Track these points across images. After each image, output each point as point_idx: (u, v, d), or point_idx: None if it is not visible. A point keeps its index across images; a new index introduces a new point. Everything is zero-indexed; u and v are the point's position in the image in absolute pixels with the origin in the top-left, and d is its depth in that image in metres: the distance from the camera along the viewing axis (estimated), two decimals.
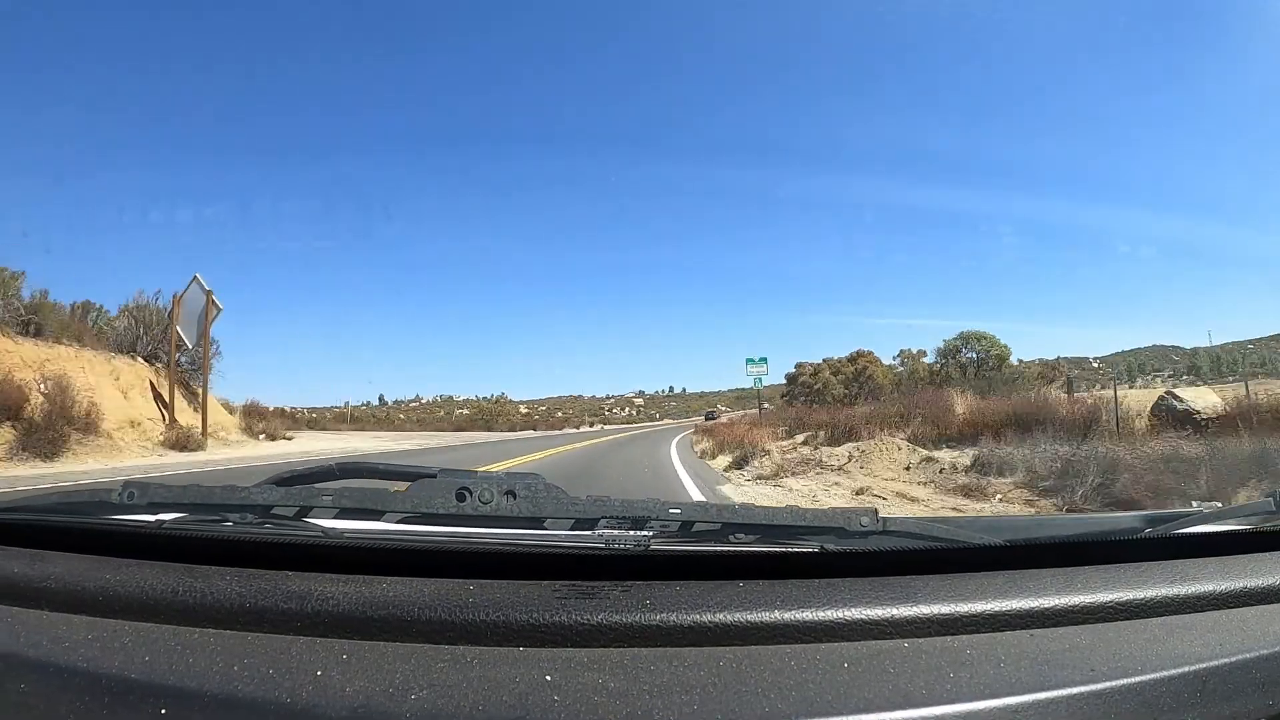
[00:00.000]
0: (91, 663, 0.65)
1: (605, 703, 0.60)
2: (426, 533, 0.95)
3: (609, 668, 0.66)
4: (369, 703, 0.59)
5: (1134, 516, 1.07)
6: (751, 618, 0.73)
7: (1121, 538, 0.99)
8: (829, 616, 0.74)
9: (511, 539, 0.90)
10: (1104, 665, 0.68)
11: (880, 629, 0.74)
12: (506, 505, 0.90)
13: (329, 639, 0.71)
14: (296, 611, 0.74)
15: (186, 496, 0.96)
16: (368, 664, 0.66)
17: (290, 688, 0.61)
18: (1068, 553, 0.94)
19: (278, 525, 0.94)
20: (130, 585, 0.79)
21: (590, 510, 0.91)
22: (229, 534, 0.91)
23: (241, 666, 0.64)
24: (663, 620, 0.73)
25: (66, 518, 1.00)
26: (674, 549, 0.88)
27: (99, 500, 0.99)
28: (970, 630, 0.75)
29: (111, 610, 0.76)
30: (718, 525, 0.92)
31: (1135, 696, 0.65)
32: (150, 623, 0.74)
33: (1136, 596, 0.82)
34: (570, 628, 0.71)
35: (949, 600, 0.77)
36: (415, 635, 0.71)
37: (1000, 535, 0.93)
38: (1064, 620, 0.78)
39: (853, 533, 0.89)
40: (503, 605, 0.73)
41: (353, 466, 1.11)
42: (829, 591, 0.78)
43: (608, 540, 0.85)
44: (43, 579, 0.81)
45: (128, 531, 0.94)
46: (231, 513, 0.95)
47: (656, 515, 0.90)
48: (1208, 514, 1.06)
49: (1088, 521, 1.19)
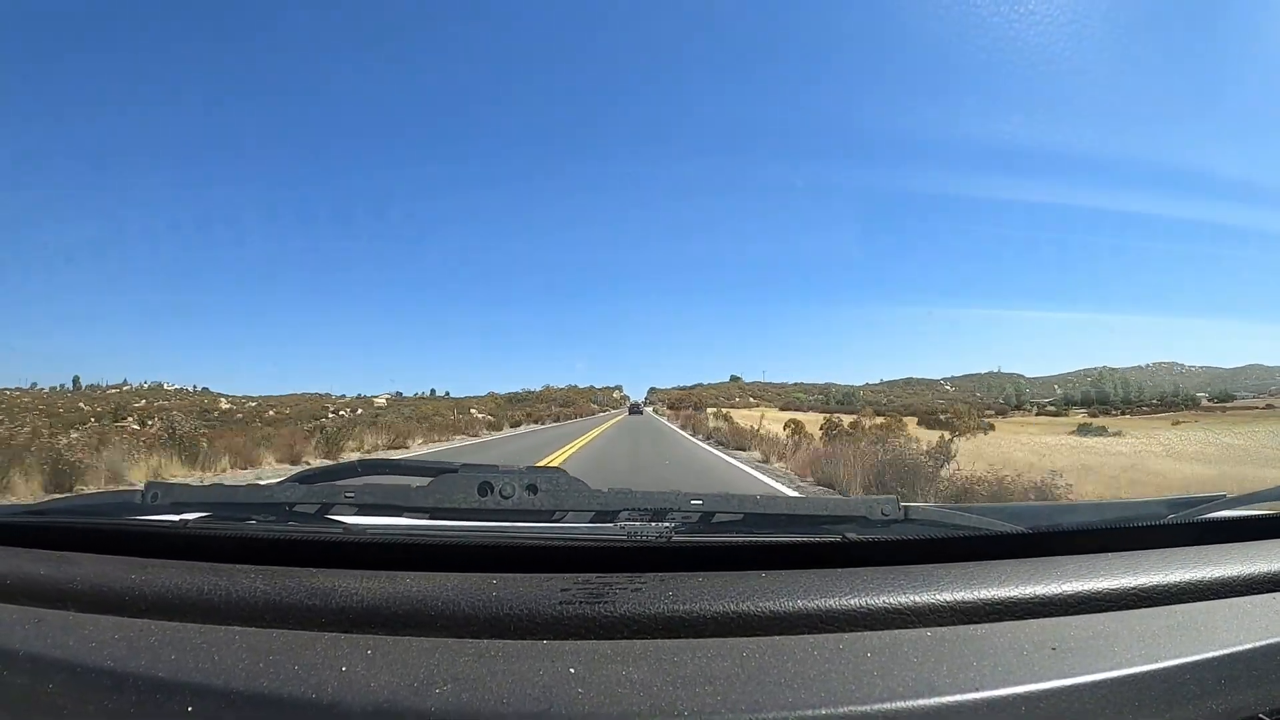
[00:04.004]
0: (119, 662, 0.66)
1: (629, 694, 0.60)
2: (449, 527, 0.95)
3: (633, 659, 0.66)
4: (394, 697, 0.60)
5: (1157, 502, 1.06)
6: (774, 608, 0.73)
7: (1145, 524, 0.97)
8: (852, 605, 0.74)
9: (533, 533, 0.90)
10: (1128, 652, 0.68)
11: (903, 618, 0.74)
12: (528, 499, 0.90)
13: (353, 634, 0.71)
14: (321, 608, 0.74)
15: (210, 496, 0.97)
16: (392, 659, 0.66)
17: (315, 684, 0.62)
18: (1090, 540, 0.93)
19: (301, 523, 0.95)
20: (156, 585, 0.80)
21: (612, 502, 0.91)
22: (253, 532, 0.92)
23: (267, 664, 0.65)
24: (686, 611, 0.73)
25: (92, 520, 1.01)
26: (696, 540, 0.88)
27: (123, 502, 1.00)
28: (993, 618, 0.75)
29: (138, 610, 0.77)
30: (739, 516, 0.92)
31: (1161, 683, 0.65)
32: (176, 621, 0.75)
33: (1161, 583, 0.81)
34: (593, 620, 0.72)
35: (972, 588, 0.77)
36: (439, 629, 0.72)
37: (1023, 523, 0.93)
38: (1088, 607, 0.78)
39: (875, 522, 0.88)
40: (526, 599, 0.74)
41: (374, 463, 1.12)
42: (851, 581, 0.78)
43: (630, 532, 0.85)
44: (69, 580, 0.82)
45: (153, 532, 0.95)
46: (255, 511, 0.96)
47: (678, 506, 0.90)
48: (1231, 499, 1.04)
49: (1111, 507, 1.17)
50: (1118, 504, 1.31)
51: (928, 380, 57.58)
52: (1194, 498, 1.05)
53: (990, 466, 7.64)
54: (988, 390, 50.94)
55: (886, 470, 7.58)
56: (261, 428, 19.43)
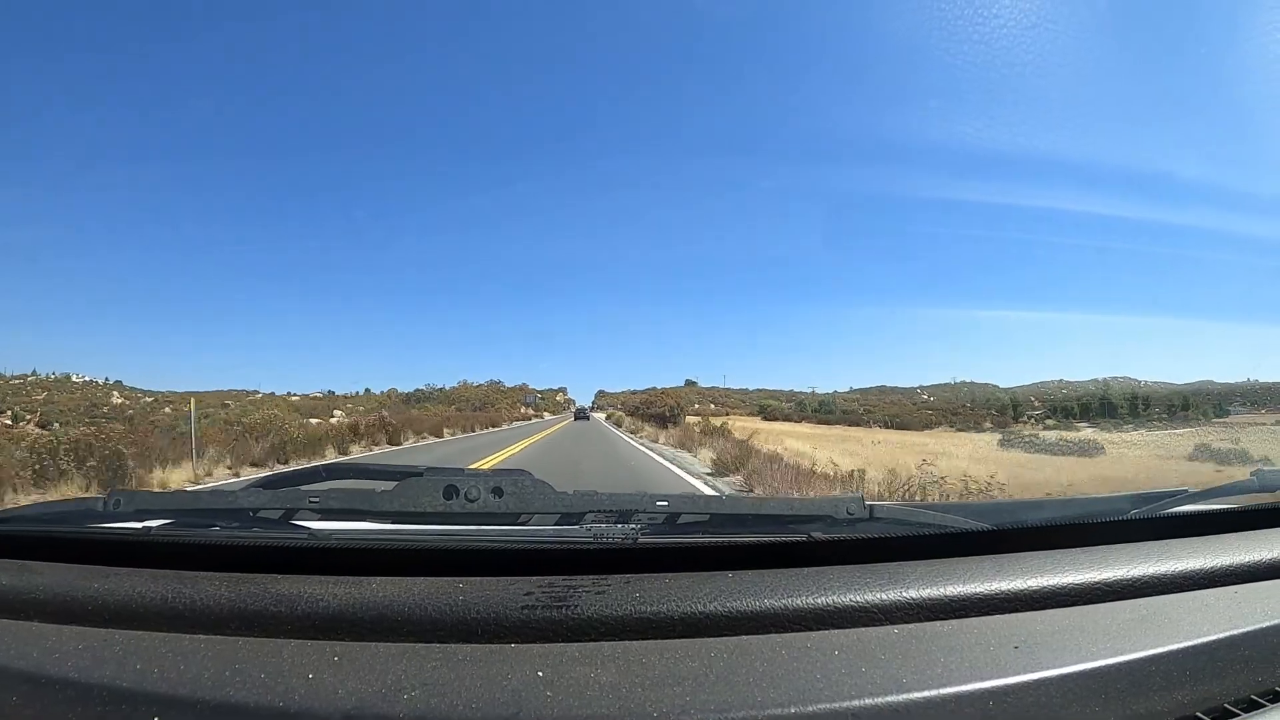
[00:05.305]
0: (83, 673, 0.65)
1: (598, 696, 0.60)
2: (414, 532, 0.94)
3: (601, 662, 0.66)
4: (362, 704, 0.59)
5: (1121, 498, 1.08)
6: (741, 608, 0.74)
7: (1109, 519, 0.99)
8: (818, 604, 0.74)
9: (500, 536, 0.90)
10: (1094, 646, 0.69)
11: (870, 615, 0.74)
12: (493, 502, 0.90)
13: (320, 641, 0.71)
14: (287, 614, 0.73)
15: (173, 503, 0.95)
16: (360, 665, 0.65)
17: (283, 691, 0.61)
18: (1055, 535, 0.95)
19: (265, 529, 0.93)
20: (120, 593, 0.78)
21: (577, 505, 0.91)
22: (217, 539, 0.90)
23: (233, 672, 0.64)
24: (653, 613, 0.73)
25: (53, 527, 0.99)
26: (662, 541, 0.88)
27: (85, 509, 0.98)
28: (960, 614, 0.76)
29: (101, 619, 0.76)
30: (705, 516, 0.93)
31: (1126, 675, 0.66)
32: (140, 630, 0.74)
33: (1125, 577, 0.83)
34: (561, 623, 0.71)
35: (937, 585, 0.78)
36: (407, 635, 0.71)
37: (987, 520, 0.94)
38: (1053, 602, 0.79)
39: (841, 521, 0.89)
40: (493, 602, 0.73)
41: (339, 467, 1.11)
42: (818, 580, 0.79)
43: (596, 534, 0.85)
44: (31, 590, 0.80)
45: (116, 539, 0.93)
46: (218, 518, 0.95)
47: (643, 508, 0.91)
48: (1194, 494, 1.07)
49: (1075, 504, 1.20)
50: (1082, 500, 1.34)
51: (901, 389, 57.04)
52: (1156, 493, 1.07)
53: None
54: (972, 398, 50.44)
55: None
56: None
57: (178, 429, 15.03)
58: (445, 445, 21.15)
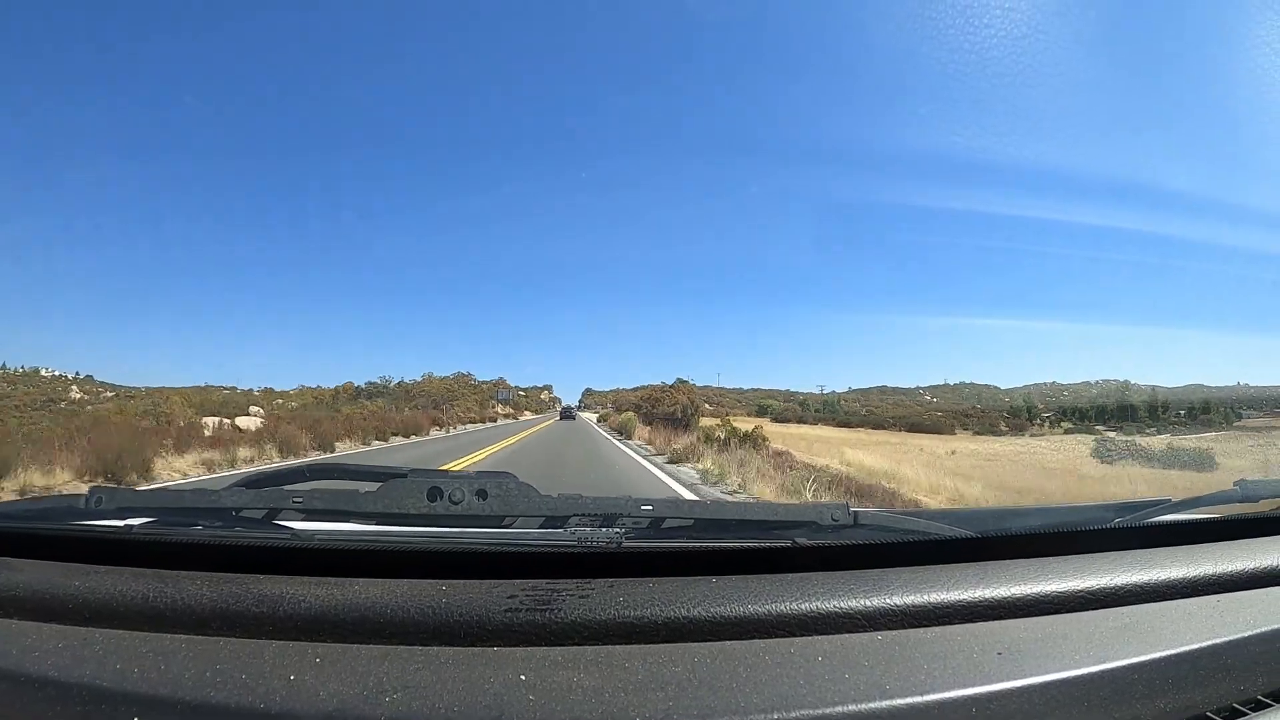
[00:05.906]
0: (62, 672, 0.64)
1: (581, 701, 0.60)
2: (398, 533, 0.94)
3: (583, 666, 0.66)
4: (344, 706, 0.59)
5: (1104, 506, 1.09)
6: (725, 613, 0.74)
7: (1092, 527, 1.00)
8: (802, 610, 0.74)
9: (483, 538, 0.90)
10: (1077, 653, 0.69)
11: (853, 622, 0.74)
12: (478, 505, 0.90)
13: (302, 642, 0.70)
14: (269, 615, 0.73)
15: (156, 501, 0.95)
16: (342, 667, 0.65)
17: (264, 693, 0.61)
18: (1039, 543, 0.95)
19: (248, 528, 0.93)
20: (101, 592, 0.78)
21: (561, 508, 0.91)
22: (199, 538, 0.90)
23: (214, 672, 0.64)
24: (636, 617, 0.73)
25: (34, 524, 0.98)
26: (646, 545, 0.88)
27: (67, 506, 0.97)
28: (943, 621, 0.76)
29: (82, 618, 0.75)
30: (690, 521, 0.93)
31: (1109, 684, 0.67)
32: (121, 630, 0.73)
33: (1108, 585, 0.83)
34: (544, 627, 0.71)
35: (921, 592, 0.78)
36: (389, 637, 0.71)
37: (971, 527, 0.94)
38: (1036, 610, 0.79)
39: (825, 526, 0.89)
40: (476, 605, 0.73)
41: (323, 467, 1.11)
42: (802, 586, 0.79)
43: (580, 538, 0.85)
44: (10, 587, 0.80)
45: (97, 537, 0.92)
46: (201, 517, 0.94)
47: (628, 512, 0.90)
48: (1177, 503, 1.07)
49: (1059, 512, 1.20)
50: (1066, 508, 1.34)
51: (902, 389, 56.48)
52: (1139, 502, 1.08)
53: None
54: (977, 400, 49.74)
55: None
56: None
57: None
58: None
